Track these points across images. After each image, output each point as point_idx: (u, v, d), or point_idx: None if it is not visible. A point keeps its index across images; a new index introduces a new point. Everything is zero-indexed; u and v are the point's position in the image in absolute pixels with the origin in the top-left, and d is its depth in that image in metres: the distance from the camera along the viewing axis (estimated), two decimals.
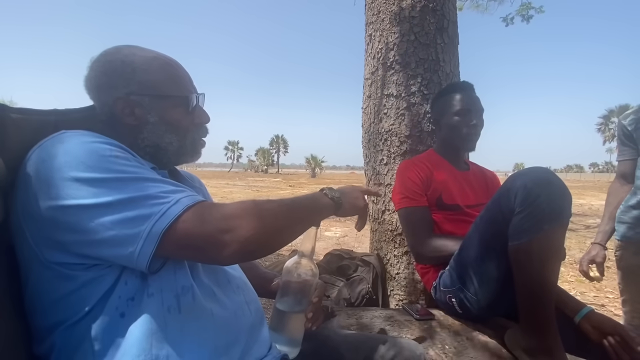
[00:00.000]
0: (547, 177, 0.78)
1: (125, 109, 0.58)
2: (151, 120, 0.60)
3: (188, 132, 0.64)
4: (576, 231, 5.61)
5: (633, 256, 1.24)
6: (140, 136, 0.60)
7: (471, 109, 1.16)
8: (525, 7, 5.85)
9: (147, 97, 0.59)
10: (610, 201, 1.36)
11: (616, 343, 0.82)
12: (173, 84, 0.62)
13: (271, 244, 0.52)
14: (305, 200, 0.59)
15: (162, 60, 0.62)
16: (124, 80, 0.58)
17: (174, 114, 0.62)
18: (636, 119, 1.24)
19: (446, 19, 1.45)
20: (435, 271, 1.12)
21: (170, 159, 0.64)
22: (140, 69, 0.59)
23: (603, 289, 2.87)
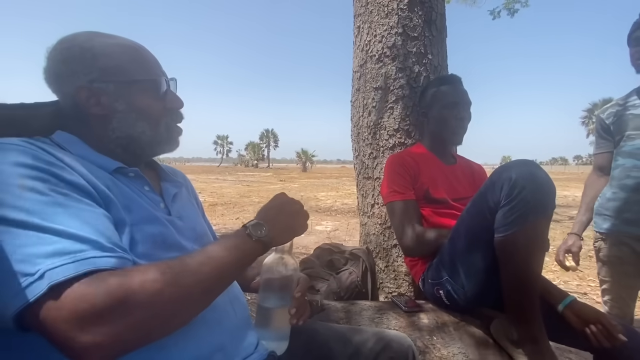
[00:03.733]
0: (532, 170, 0.79)
1: (90, 98, 0.54)
2: (119, 109, 0.56)
3: (161, 118, 0.60)
4: (560, 222, 5.76)
5: (611, 247, 1.28)
6: (110, 127, 0.56)
7: (459, 101, 1.16)
8: (510, 0, 5.91)
9: (111, 84, 0.55)
10: (587, 193, 1.40)
11: (598, 331, 0.84)
12: (139, 68, 0.58)
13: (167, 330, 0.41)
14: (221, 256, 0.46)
15: (125, 44, 0.58)
16: (85, 67, 0.54)
17: (143, 100, 0.58)
18: (614, 112, 1.27)
19: (434, 12, 1.45)
20: (423, 264, 1.13)
21: (144, 150, 0.60)
22: (102, 54, 0.55)
23: (586, 277, 2.96)
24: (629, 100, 1.24)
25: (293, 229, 0.58)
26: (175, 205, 0.62)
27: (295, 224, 0.59)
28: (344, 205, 7.87)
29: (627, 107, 1.24)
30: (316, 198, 9.36)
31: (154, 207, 0.56)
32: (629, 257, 1.23)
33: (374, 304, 1.11)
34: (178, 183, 0.69)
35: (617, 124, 1.26)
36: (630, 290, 1.28)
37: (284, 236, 0.57)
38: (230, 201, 8.46)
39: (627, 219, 1.21)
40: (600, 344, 0.83)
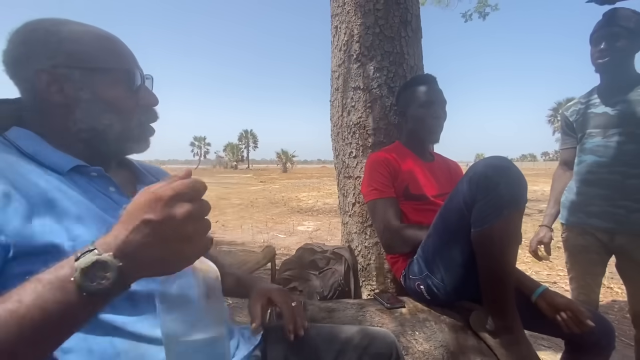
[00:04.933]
0: (506, 165, 0.82)
1: (51, 84, 0.49)
2: (84, 98, 0.50)
3: (132, 113, 0.55)
4: (531, 216, 6.03)
5: (577, 237, 1.34)
6: (71, 118, 0.50)
7: (435, 100, 1.19)
8: (482, 4, 6.16)
9: (77, 70, 0.50)
10: (554, 186, 1.47)
11: (568, 318, 0.88)
12: (111, 57, 0.53)
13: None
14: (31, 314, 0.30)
15: (97, 32, 0.53)
16: (49, 51, 0.49)
17: (113, 91, 0.52)
18: (576, 110, 1.34)
19: (410, 13, 1.47)
20: (404, 260, 1.15)
21: (110, 146, 0.54)
22: (69, 39, 0.50)
23: (555, 267, 3.12)
24: (590, 99, 1.30)
25: (174, 262, 0.35)
26: None
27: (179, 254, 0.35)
28: (325, 205, 7.90)
29: (588, 106, 1.30)
30: (297, 199, 9.33)
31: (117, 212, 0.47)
32: (593, 247, 1.30)
33: (356, 301, 1.12)
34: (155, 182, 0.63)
35: (579, 122, 1.32)
36: (595, 278, 1.35)
37: (153, 274, 0.35)
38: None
39: (591, 211, 1.27)
40: (571, 330, 0.88)
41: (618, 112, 1.20)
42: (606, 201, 1.23)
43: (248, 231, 4.92)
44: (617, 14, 1.18)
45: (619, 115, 1.19)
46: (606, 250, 1.28)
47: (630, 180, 1.17)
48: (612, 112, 1.21)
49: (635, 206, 1.17)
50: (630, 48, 1.17)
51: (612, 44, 1.17)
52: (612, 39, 1.16)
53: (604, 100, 1.25)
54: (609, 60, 1.18)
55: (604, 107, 1.24)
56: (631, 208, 1.17)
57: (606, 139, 1.22)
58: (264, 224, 5.55)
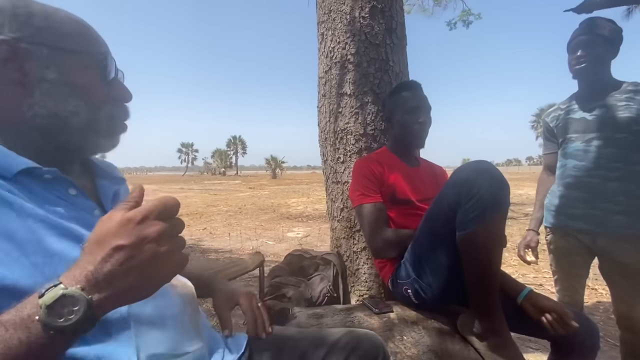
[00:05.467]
0: (488, 169, 0.83)
1: (10, 60, 0.42)
2: (49, 77, 0.44)
3: (103, 103, 0.49)
4: (517, 219, 6.16)
5: (560, 239, 1.37)
6: (27, 101, 0.43)
7: (420, 106, 1.21)
8: (465, 13, 6.36)
9: (45, 48, 0.44)
10: (539, 190, 1.51)
11: (553, 319, 0.89)
12: (84, 40, 0.48)
13: None
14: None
15: (72, 15, 0.48)
16: (14, 22, 0.43)
17: (84, 76, 0.47)
18: (557, 116, 1.38)
19: (394, 20, 1.50)
20: (392, 265, 1.15)
21: (72, 139, 0.47)
22: (40, 15, 0.44)
23: (541, 270, 3.17)
24: (569, 105, 1.33)
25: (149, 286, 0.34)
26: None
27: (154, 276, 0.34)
28: (315, 210, 7.88)
29: (568, 112, 1.33)
30: (287, 205, 9.29)
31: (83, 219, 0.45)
32: (576, 248, 1.32)
33: (345, 307, 1.11)
34: (118, 179, 0.58)
35: (559, 127, 1.36)
36: (579, 279, 1.37)
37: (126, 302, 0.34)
38: (196, 211, 8.16)
39: (572, 214, 1.30)
40: (556, 331, 0.89)
41: (596, 117, 1.23)
42: (587, 204, 1.26)
43: (236, 238, 4.86)
44: (593, 23, 1.22)
45: (596, 120, 1.23)
46: (589, 252, 1.31)
47: (610, 183, 1.20)
48: (590, 117, 1.24)
49: (615, 208, 1.19)
50: (605, 55, 1.21)
51: (588, 51, 1.20)
52: (588, 47, 1.20)
53: (582, 105, 1.28)
54: (586, 66, 1.21)
55: (582, 112, 1.27)
56: (611, 210, 1.20)
57: (585, 143, 1.25)
58: (253, 230, 5.50)
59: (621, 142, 1.18)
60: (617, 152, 1.19)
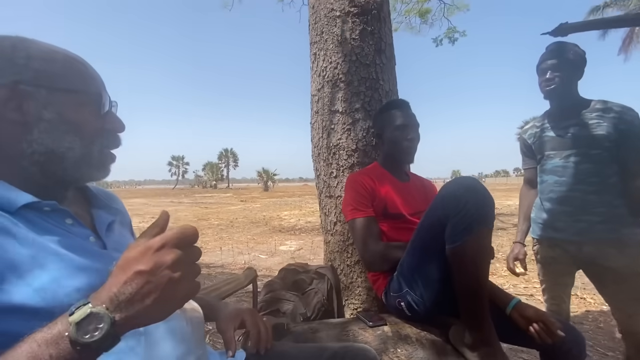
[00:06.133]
0: (474, 185, 0.88)
1: (10, 101, 0.46)
2: (46, 117, 0.48)
3: (96, 137, 0.52)
4: (506, 229, 6.25)
5: (547, 250, 1.43)
6: (27, 138, 0.47)
7: (408, 124, 1.27)
8: (451, 30, 6.64)
9: (44, 89, 0.48)
10: (522, 203, 1.58)
11: (540, 329, 0.92)
12: (80, 79, 0.51)
13: None
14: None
15: (67, 53, 0.52)
16: (14, 66, 0.46)
17: (79, 113, 0.50)
18: (533, 134, 1.46)
19: (383, 42, 1.57)
20: (385, 278, 1.18)
21: (68, 172, 0.50)
22: (38, 57, 0.48)
23: (531, 280, 3.22)
24: (544, 123, 1.41)
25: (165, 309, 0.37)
26: (111, 236, 0.55)
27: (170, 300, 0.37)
28: (307, 223, 7.86)
29: (543, 130, 1.41)
30: (279, 217, 9.25)
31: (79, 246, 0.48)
32: (562, 258, 1.38)
33: (340, 321, 1.13)
34: (114, 210, 0.61)
35: (537, 145, 1.44)
36: (564, 288, 1.42)
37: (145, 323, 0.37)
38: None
39: (557, 227, 1.36)
40: (543, 341, 0.92)
41: (571, 135, 1.30)
42: (570, 217, 1.32)
43: (228, 252, 4.81)
44: (558, 47, 1.32)
45: (572, 137, 1.30)
46: (574, 262, 1.36)
47: (590, 196, 1.27)
48: (565, 136, 1.32)
49: (597, 219, 1.26)
50: (571, 77, 1.30)
51: (555, 74, 1.29)
52: (554, 70, 1.29)
53: (555, 124, 1.36)
54: (554, 88, 1.30)
55: (557, 130, 1.35)
56: (594, 221, 1.26)
57: (563, 159, 1.32)
58: (245, 244, 5.45)
59: (596, 157, 1.25)
60: (593, 167, 1.26)
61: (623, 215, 1.24)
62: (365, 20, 1.53)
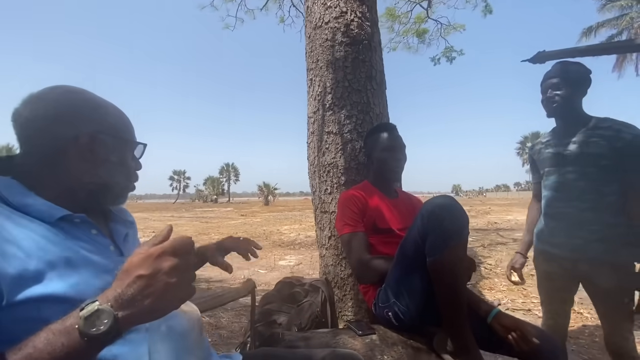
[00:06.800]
0: (450, 203, 0.97)
1: (89, 145, 0.59)
2: (112, 160, 0.62)
3: (131, 175, 0.68)
4: (506, 244, 6.23)
5: (543, 263, 1.44)
6: (90, 172, 0.60)
7: (395, 146, 1.37)
8: (448, 49, 6.83)
9: (112, 138, 0.62)
10: (528, 216, 1.59)
11: (517, 337, 0.99)
12: (129, 130, 0.68)
13: None
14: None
15: (118, 108, 0.68)
16: (94, 118, 0.61)
17: (128, 157, 0.66)
18: (538, 150, 1.48)
19: (374, 69, 1.70)
20: (375, 290, 1.25)
21: (107, 199, 0.64)
22: (106, 112, 0.63)
23: (529, 295, 3.22)
24: (549, 140, 1.41)
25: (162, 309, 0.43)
26: (127, 246, 0.65)
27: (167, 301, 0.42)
28: (307, 238, 7.87)
29: (546, 146, 1.41)
30: (279, 232, 9.26)
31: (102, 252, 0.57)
32: (558, 273, 1.38)
33: (331, 330, 1.19)
34: (128, 223, 0.72)
35: (540, 160, 1.44)
36: (560, 303, 1.41)
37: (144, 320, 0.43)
38: None
39: (554, 242, 1.37)
40: (520, 348, 0.98)
41: (568, 152, 1.31)
42: (566, 233, 1.32)
43: None
44: (561, 66, 1.33)
45: (570, 155, 1.30)
46: (571, 277, 1.35)
47: (585, 213, 1.26)
48: (564, 152, 1.32)
49: (592, 237, 1.25)
50: (572, 95, 1.30)
51: (557, 93, 1.31)
52: (555, 88, 1.31)
53: (557, 141, 1.37)
54: (556, 106, 1.32)
55: (557, 147, 1.36)
56: (589, 239, 1.26)
57: (561, 176, 1.33)
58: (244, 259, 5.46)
59: (592, 175, 1.25)
60: (588, 184, 1.26)
61: (621, 235, 1.22)
62: (357, 49, 1.67)
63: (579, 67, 1.32)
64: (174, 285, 0.42)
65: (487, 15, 6.21)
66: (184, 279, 0.43)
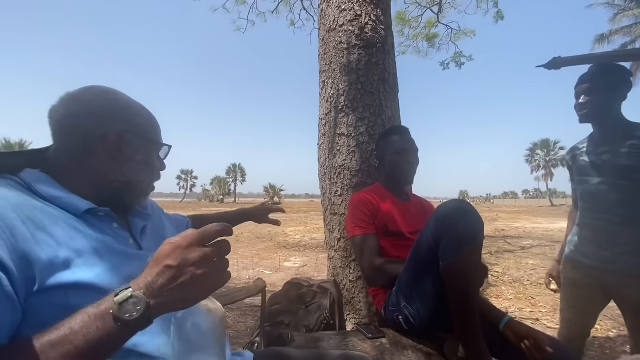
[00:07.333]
0: (465, 208, 0.96)
1: (116, 144, 0.61)
2: (137, 159, 0.64)
3: (155, 175, 0.70)
4: (514, 252, 6.13)
5: (570, 271, 1.40)
6: (116, 170, 0.62)
7: (408, 149, 1.37)
8: (458, 55, 6.80)
9: (139, 138, 0.64)
10: (568, 225, 1.53)
11: (530, 345, 0.97)
12: (156, 132, 0.70)
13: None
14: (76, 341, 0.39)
15: (147, 109, 0.69)
16: (124, 118, 0.63)
17: (153, 158, 0.69)
18: (573, 156, 1.40)
19: (387, 72, 1.70)
20: (385, 293, 1.24)
21: (132, 196, 0.66)
22: (136, 112, 0.66)
23: (537, 304, 3.17)
24: (583, 147, 1.35)
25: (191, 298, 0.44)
26: (145, 239, 0.66)
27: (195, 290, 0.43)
28: (312, 240, 7.86)
29: (581, 153, 1.35)
30: (284, 233, 9.27)
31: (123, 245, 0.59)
32: (584, 282, 1.33)
33: (340, 333, 1.19)
34: (146, 215, 0.72)
35: (574, 168, 1.39)
36: (582, 315, 1.36)
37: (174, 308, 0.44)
38: None
39: (583, 252, 1.33)
40: (533, 357, 0.96)
41: (602, 162, 1.24)
42: (594, 244, 1.28)
43: (233, 267, 4.82)
44: (596, 70, 1.25)
45: (602, 165, 1.24)
46: (599, 289, 1.30)
47: (614, 226, 1.21)
48: (597, 162, 1.26)
49: (620, 250, 1.21)
50: (607, 101, 1.22)
51: (588, 98, 1.24)
52: (588, 94, 1.24)
53: (593, 149, 1.30)
54: (588, 112, 1.24)
55: (592, 155, 1.29)
56: (617, 252, 1.21)
57: (593, 186, 1.27)
58: (250, 259, 5.48)
59: (623, 188, 1.19)
60: (620, 197, 1.20)
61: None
62: (371, 52, 1.67)
63: (616, 69, 1.23)
64: (202, 276, 0.42)
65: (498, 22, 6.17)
66: (214, 269, 0.44)
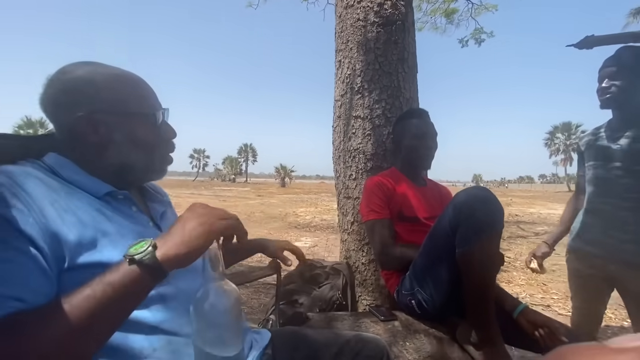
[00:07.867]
0: (484, 195, 0.94)
1: (89, 127, 0.57)
2: (117, 139, 0.59)
3: (155, 148, 0.63)
4: (527, 238, 6.09)
5: (575, 261, 1.39)
6: (105, 154, 0.58)
7: (426, 132, 1.33)
8: (477, 31, 6.47)
9: (112, 116, 0.58)
10: (565, 209, 1.52)
11: (545, 334, 0.97)
12: (138, 100, 0.62)
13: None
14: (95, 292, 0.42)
15: (126, 77, 0.62)
16: (87, 99, 0.57)
17: (140, 132, 0.61)
18: (587, 141, 1.37)
19: (406, 51, 1.63)
20: (398, 276, 1.25)
21: (136, 177, 0.63)
22: (104, 87, 0.58)
23: (549, 291, 3.17)
24: (600, 132, 1.32)
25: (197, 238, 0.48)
26: (164, 223, 0.66)
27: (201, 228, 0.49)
28: (323, 221, 7.95)
29: (597, 138, 1.32)
30: (295, 214, 9.38)
31: (143, 226, 0.60)
32: (588, 272, 1.33)
33: (353, 314, 1.21)
34: (164, 202, 0.72)
35: (587, 153, 1.36)
36: (589, 303, 1.37)
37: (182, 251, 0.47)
38: None
39: (587, 239, 1.32)
40: (547, 346, 0.96)
41: (620, 147, 1.22)
42: (599, 230, 1.27)
43: None
44: (624, 53, 1.21)
45: (620, 150, 1.22)
46: (602, 278, 1.30)
47: (621, 212, 1.20)
48: (614, 147, 1.24)
49: (625, 237, 1.20)
50: (632, 85, 1.18)
51: (613, 83, 1.19)
52: (612, 78, 1.19)
53: (610, 134, 1.28)
54: (610, 97, 1.21)
55: (609, 140, 1.27)
56: (622, 239, 1.20)
57: (606, 171, 1.25)
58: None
59: (638, 174, 1.17)
60: (633, 183, 1.19)
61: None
62: (389, 30, 1.60)
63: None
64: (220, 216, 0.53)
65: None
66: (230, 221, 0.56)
